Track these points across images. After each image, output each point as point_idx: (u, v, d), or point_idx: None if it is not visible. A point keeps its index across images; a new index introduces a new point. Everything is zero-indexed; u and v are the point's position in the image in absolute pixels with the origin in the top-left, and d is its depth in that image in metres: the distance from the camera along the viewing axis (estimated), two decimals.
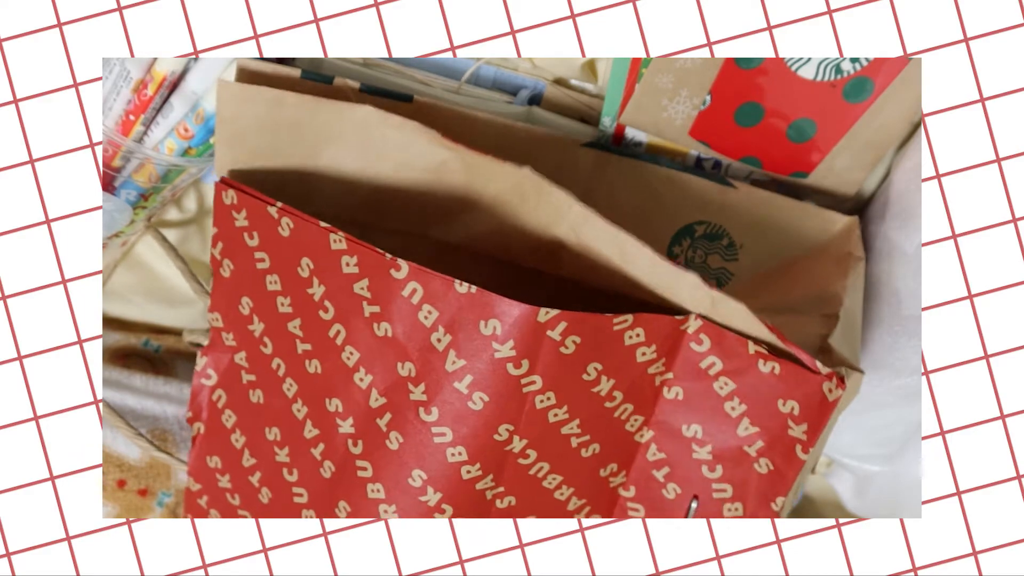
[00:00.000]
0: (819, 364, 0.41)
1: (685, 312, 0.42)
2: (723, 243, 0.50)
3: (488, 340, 0.40)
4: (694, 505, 0.45)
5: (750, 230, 0.50)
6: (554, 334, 0.40)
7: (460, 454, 0.42)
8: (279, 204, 0.44)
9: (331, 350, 0.44)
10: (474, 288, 0.40)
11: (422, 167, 0.45)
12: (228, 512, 0.51)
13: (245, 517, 0.50)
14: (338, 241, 0.42)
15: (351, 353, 0.43)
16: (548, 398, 0.42)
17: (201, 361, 0.49)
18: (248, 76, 0.47)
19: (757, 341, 0.42)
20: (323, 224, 0.42)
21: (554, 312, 0.39)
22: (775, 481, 0.44)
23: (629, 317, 0.41)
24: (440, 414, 0.42)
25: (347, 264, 0.42)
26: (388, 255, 0.41)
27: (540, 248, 0.46)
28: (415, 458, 0.43)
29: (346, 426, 0.44)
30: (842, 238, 0.49)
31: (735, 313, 0.41)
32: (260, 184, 0.47)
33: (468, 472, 0.43)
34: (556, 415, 0.42)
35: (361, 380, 0.43)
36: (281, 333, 0.46)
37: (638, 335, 0.42)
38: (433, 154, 0.44)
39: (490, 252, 0.48)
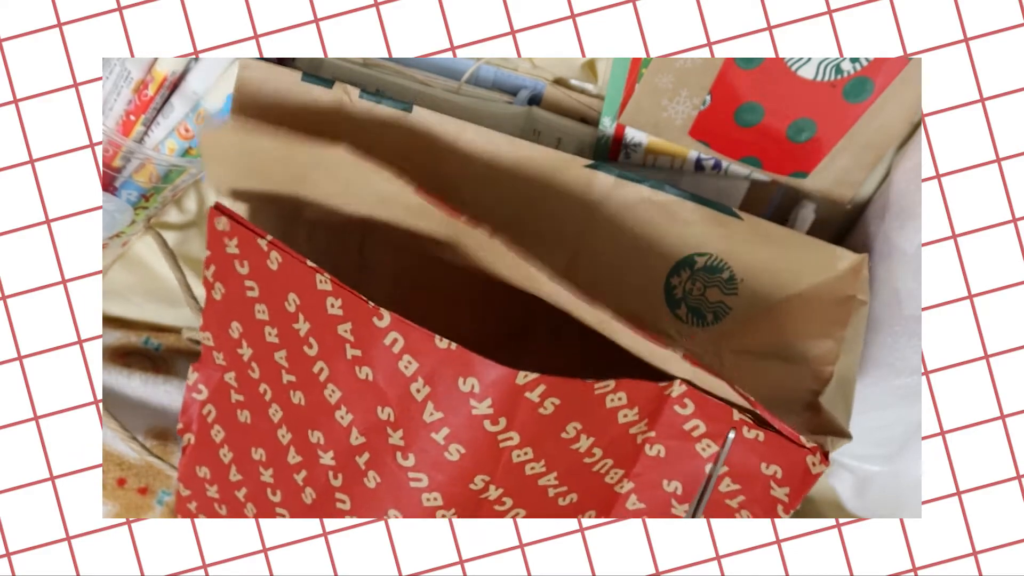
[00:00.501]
0: (803, 439, 0.40)
1: (670, 377, 0.42)
2: (723, 276, 0.48)
3: (466, 397, 0.40)
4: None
5: (751, 264, 0.48)
6: (533, 396, 0.39)
7: (436, 499, 0.42)
8: (269, 237, 0.43)
9: (314, 385, 0.44)
10: (454, 345, 0.39)
11: (402, 207, 0.44)
12: None
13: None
14: (323, 282, 0.42)
15: (333, 391, 0.43)
16: (525, 453, 0.41)
17: (192, 375, 0.49)
18: (249, 79, 0.47)
19: (742, 409, 0.41)
20: (310, 263, 0.42)
21: (533, 375, 0.39)
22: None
23: (611, 382, 0.40)
24: (417, 461, 0.42)
25: (332, 305, 0.42)
26: (371, 303, 0.41)
27: (528, 294, 0.46)
28: (391, 499, 0.43)
29: (327, 458, 0.44)
30: (847, 278, 0.47)
31: (716, 387, 0.41)
32: (252, 196, 0.47)
33: (443, 515, 0.43)
34: (533, 468, 0.42)
35: (342, 418, 0.43)
36: (268, 361, 0.46)
37: (620, 398, 0.41)
38: (409, 199, 0.43)
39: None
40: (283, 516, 0.48)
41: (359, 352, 0.42)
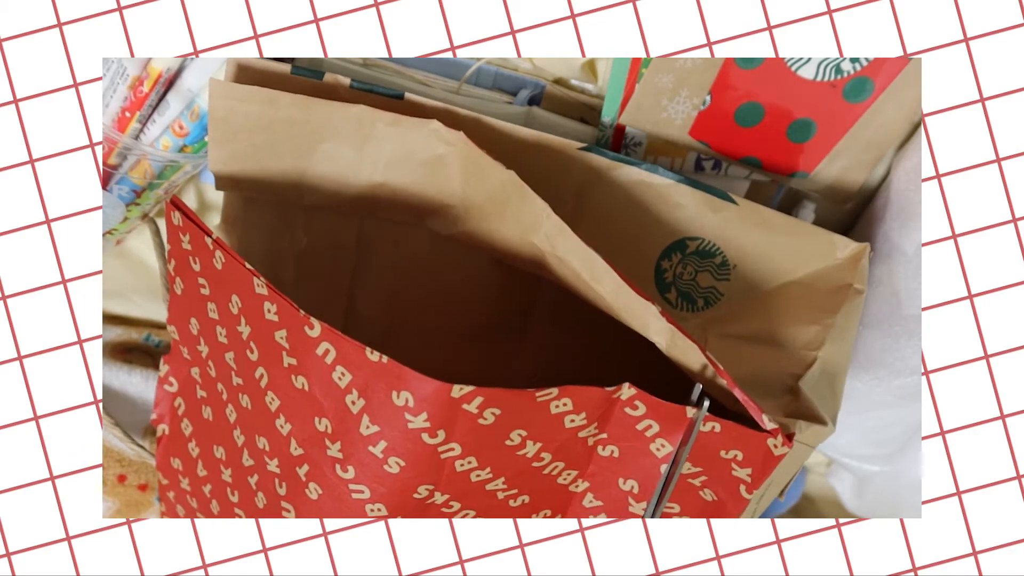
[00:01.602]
0: (765, 418, 0.39)
1: (617, 383, 0.41)
2: (716, 261, 0.48)
3: (401, 410, 0.39)
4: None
5: (745, 251, 0.47)
6: (470, 407, 0.38)
7: (379, 510, 0.41)
8: (214, 236, 0.42)
9: (257, 390, 0.43)
10: (385, 358, 0.38)
11: (417, 162, 0.45)
12: (189, 513, 0.52)
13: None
14: (260, 286, 0.41)
15: (272, 398, 0.42)
16: (469, 462, 0.41)
17: (164, 368, 0.49)
18: (240, 72, 0.47)
19: (696, 403, 0.41)
20: (247, 266, 0.41)
21: (468, 388, 0.38)
22: (720, 509, 0.42)
23: (554, 390, 0.39)
24: (357, 473, 0.41)
25: (268, 311, 0.41)
26: (302, 312, 0.40)
27: (522, 254, 0.46)
28: (335, 510, 0.42)
29: (272, 465, 0.44)
30: (846, 267, 0.46)
31: (688, 350, 0.40)
32: (253, 181, 0.47)
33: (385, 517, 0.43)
34: (479, 475, 0.41)
35: (281, 427, 0.43)
36: (220, 361, 0.45)
37: (565, 404, 0.40)
38: (429, 148, 0.44)
39: (485, 250, 0.48)
40: (240, 516, 0.47)
41: (295, 360, 0.41)
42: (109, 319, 0.60)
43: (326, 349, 0.39)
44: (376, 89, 0.47)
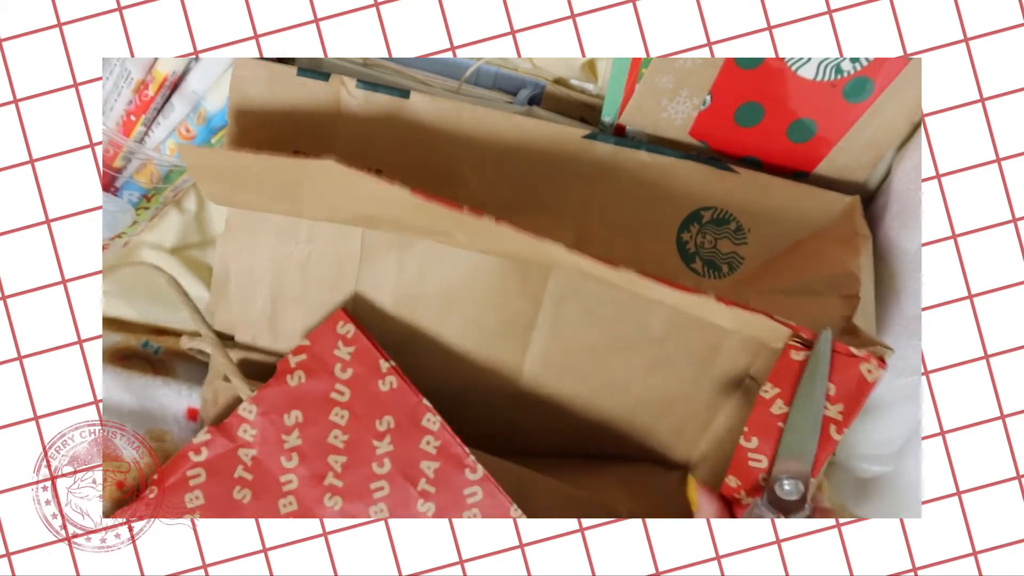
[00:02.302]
0: (852, 348, 0.41)
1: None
2: (731, 227, 0.50)
3: None
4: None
5: (756, 214, 0.50)
6: None
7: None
8: (392, 363, 0.47)
9: (364, 499, 0.47)
10: (525, 519, 0.44)
11: (401, 206, 0.44)
12: None
13: None
14: (431, 421, 0.46)
15: (381, 509, 0.46)
16: None
17: (202, 434, 0.48)
18: (246, 75, 0.47)
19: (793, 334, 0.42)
20: (425, 402, 0.46)
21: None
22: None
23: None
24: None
25: (427, 443, 0.46)
26: (470, 456, 0.45)
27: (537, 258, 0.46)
28: None
29: None
30: (845, 218, 0.49)
31: (755, 322, 0.42)
32: (249, 205, 0.47)
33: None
34: None
35: None
36: (315, 460, 0.47)
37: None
38: (404, 201, 0.42)
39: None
40: None
41: (432, 489, 0.46)
42: (107, 323, 0.60)
43: (474, 491, 0.45)
44: (381, 88, 0.47)
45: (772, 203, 0.50)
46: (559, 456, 0.54)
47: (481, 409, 0.52)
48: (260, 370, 0.51)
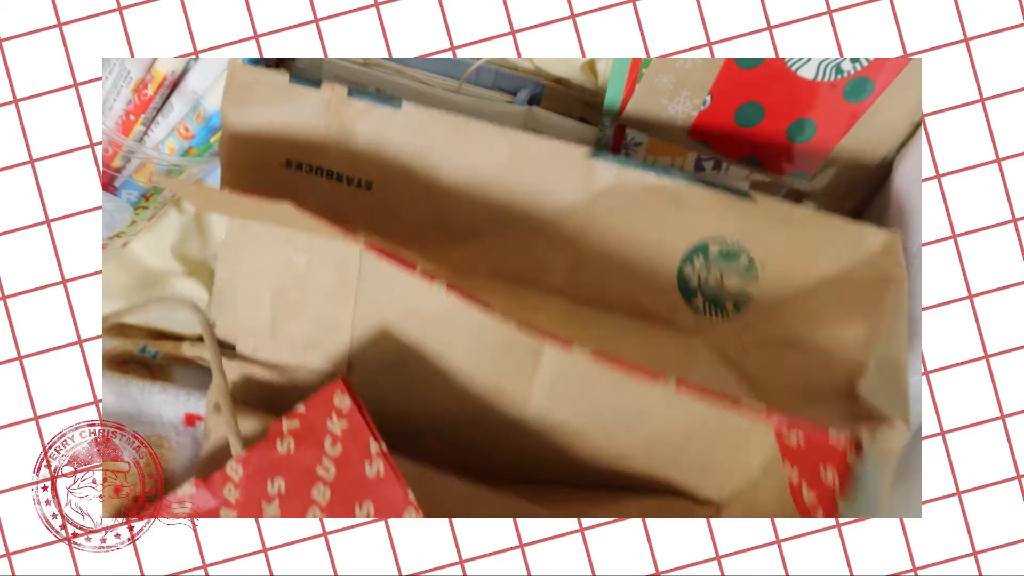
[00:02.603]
0: (832, 432, 0.39)
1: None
2: (742, 263, 0.45)
3: None
4: None
5: (772, 248, 0.45)
6: None
7: None
8: (383, 448, 0.44)
9: None
10: None
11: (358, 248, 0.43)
12: None
13: None
14: (412, 513, 0.44)
15: None
16: None
17: (188, 488, 0.47)
18: (238, 80, 0.46)
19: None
20: (411, 495, 0.44)
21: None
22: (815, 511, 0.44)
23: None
24: None
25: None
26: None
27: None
28: None
29: None
30: (879, 259, 0.44)
31: (725, 400, 0.40)
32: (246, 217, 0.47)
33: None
34: None
35: None
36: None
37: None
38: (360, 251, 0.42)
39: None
40: None
41: None
42: (104, 327, 0.60)
43: None
44: (373, 97, 0.46)
45: (790, 237, 0.44)
46: (571, 488, 0.51)
47: (485, 438, 0.50)
48: (259, 393, 0.51)
